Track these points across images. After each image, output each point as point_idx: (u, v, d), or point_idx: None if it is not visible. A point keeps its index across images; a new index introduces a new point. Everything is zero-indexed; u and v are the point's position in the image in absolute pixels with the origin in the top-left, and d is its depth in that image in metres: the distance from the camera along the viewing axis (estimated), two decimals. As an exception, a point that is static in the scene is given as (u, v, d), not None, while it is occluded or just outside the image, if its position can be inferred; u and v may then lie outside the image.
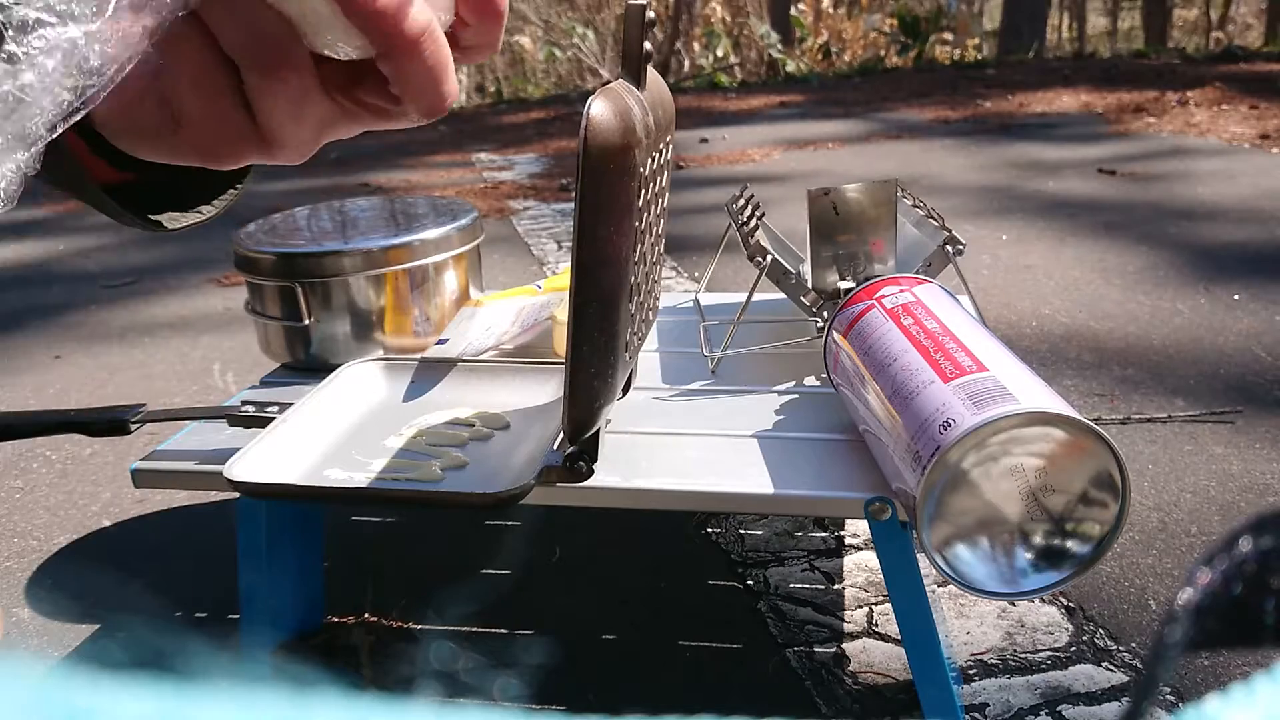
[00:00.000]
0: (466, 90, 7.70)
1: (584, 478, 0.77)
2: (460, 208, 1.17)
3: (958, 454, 0.65)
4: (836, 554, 1.13)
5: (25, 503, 1.36)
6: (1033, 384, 0.69)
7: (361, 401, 0.94)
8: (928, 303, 0.82)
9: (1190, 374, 1.54)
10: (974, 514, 0.67)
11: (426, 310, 1.10)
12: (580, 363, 0.66)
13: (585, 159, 0.59)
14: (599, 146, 0.59)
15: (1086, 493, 0.66)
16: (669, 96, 0.74)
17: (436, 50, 0.30)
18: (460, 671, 0.95)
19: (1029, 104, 4.38)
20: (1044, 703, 0.89)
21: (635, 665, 0.97)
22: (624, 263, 0.65)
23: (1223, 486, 1.21)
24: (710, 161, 3.54)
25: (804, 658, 0.96)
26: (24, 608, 1.12)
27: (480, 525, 1.22)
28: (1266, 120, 3.55)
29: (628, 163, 0.61)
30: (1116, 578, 1.06)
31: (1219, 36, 9.43)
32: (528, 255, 2.47)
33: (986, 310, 1.83)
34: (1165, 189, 2.73)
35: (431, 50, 0.30)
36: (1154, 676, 0.15)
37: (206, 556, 1.19)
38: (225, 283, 2.33)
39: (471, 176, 3.59)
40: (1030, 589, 0.68)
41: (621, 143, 0.60)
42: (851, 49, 7.60)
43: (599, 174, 0.60)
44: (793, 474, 0.80)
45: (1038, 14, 8.01)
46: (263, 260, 1.06)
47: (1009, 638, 0.98)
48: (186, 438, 0.94)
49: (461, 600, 1.05)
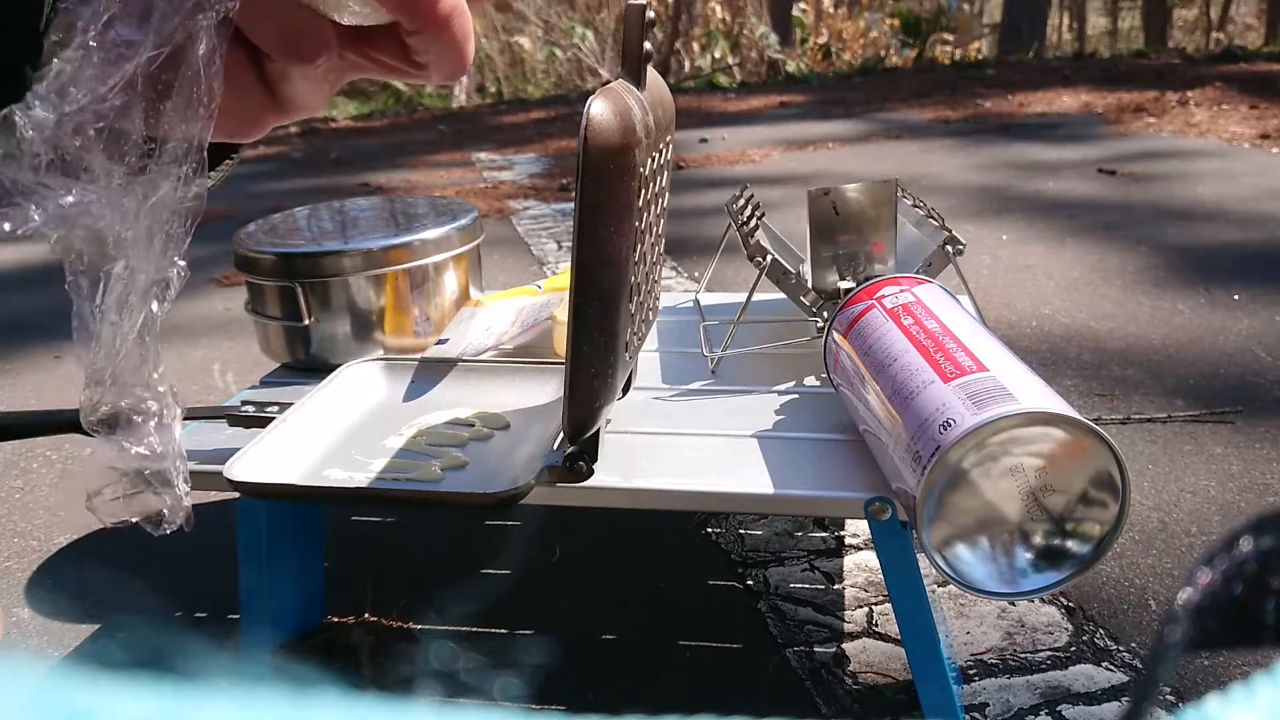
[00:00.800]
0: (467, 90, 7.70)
1: (584, 478, 0.77)
2: (460, 208, 1.17)
3: (958, 454, 0.65)
4: (836, 554, 1.13)
5: (25, 503, 1.36)
6: (1033, 384, 0.69)
7: (361, 401, 0.94)
8: (928, 303, 0.82)
9: (1190, 374, 1.54)
10: (974, 514, 0.67)
11: (426, 310, 1.10)
12: (580, 363, 0.66)
13: (585, 159, 0.59)
14: (599, 146, 0.59)
15: (1086, 493, 0.66)
16: (669, 96, 0.74)
17: (463, 23, 0.30)
18: (460, 671, 0.95)
19: (1029, 104, 4.38)
20: (1044, 703, 0.89)
21: (635, 665, 0.97)
22: (624, 263, 0.65)
23: (1223, 486, 1.21)
24: (710, 162, 3.54)
25: (804, 658, 0.96)
26: (24, 608, 1.12)
27: (480, 525, 1.22)
28: (1266, 120, 3.55)
29: (628, 163, 0.61)
30: (1116, 578, 1.06)
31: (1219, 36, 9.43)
32: (528, 255, 2.47)
33: (986, 310, 1.83)
34: (1165, 189, 2.73)
35: (460, 24, 0.30)
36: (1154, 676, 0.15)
37: (206, 556, 1.19)
38: (225, 283, 2.33)
39: (471, 176, 3.59)
40: (1030, 589, 0.68)
41: (621, 143, 0.60)
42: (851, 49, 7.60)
43: (599, 174, 0.60)
44: (793, 474, 0.80)
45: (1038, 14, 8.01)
46: (263, 260, 1.06)
47: (1009, 638, 0.98)
48: (187, 438, 0.94)
49: (461, 600, 1.05)
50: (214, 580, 1.14)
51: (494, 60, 7.99)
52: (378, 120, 5.72)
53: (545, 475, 0.77)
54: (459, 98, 7.19)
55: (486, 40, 7.95)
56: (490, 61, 7.98)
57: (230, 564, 0.94)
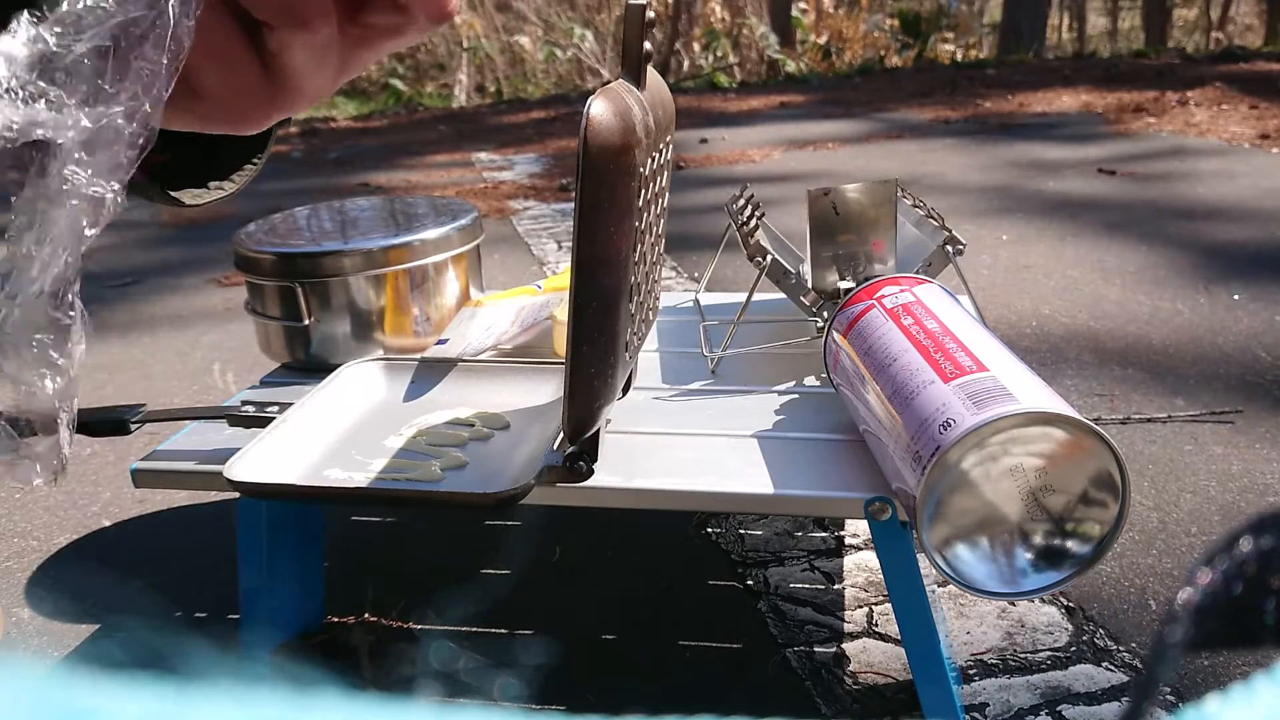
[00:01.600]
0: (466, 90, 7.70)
1: (584, 478, 0.77)
2: (460, 208, 1.17)
3: (958, 454, 0.65)
4: (836, 554, 1.13)
5: (25, 503, 1.36)
6: (1033, 384, 0.69)
7: (361, 401, 0.94)
8: (928, 303, 0.82)
9: (1190, 374, 1.54)
10: (974, 514, 0.67)
11: (426, 310, 1.10)
12: (580, 363, 0.66)
13: (585, 159, 0.59)
14: (599, 146, 0.59)
15: (1086, 493, 0.66)
16: (669, 96, 0.74)
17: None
18: (460, 672, 0.95)
19: (1029, 104, 4.38)
20: (1044, 703, 0.89)
21: (635, 665, 0.97)
22: (624, 263, 0.65)
23: (1223, 486, 1.21)
24: (710, 161, 3.54)
25: (804, 658, 0.96)
26: (24, 608, 1.12)
27: (480, 525, 1.22)
28: (1266, 120, 3.55)
29: (628, 163, 0.61)
30: (1116, 578, 1.06)
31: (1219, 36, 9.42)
32: (528, 255, 2.47)
33: (986, 310, 1.83)
34: (1165, 189, 2.73)
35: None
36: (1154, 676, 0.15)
37: (206, 557, 1.19)
38: (225, 283, 2.33)
39: (471, 176, 3.59)
40: (1030, 589, 0.68)
41: (621, 143, 0.60)
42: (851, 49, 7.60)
43: (599, 174, 0.60)
44: (793, 474, 0.80)
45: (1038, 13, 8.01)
46: (263, 260, 1.06)
47: (1009, 638, 0.98)
48: (186, 438, 0.94)
49: (461, 600, 1.05)
50: (214, 580, 1.14)
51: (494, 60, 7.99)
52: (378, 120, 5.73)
53: (545, 475, 0.77)
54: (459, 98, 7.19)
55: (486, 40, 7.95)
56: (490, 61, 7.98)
57: (230, 564, 0.94)
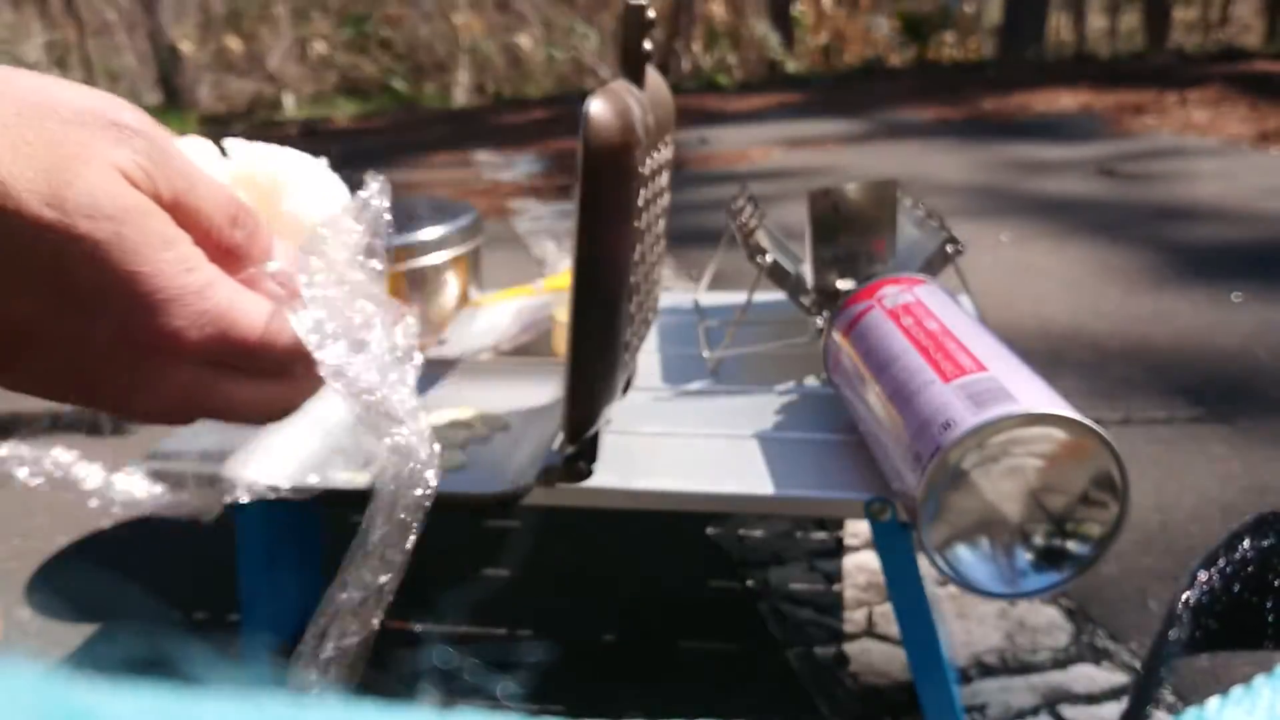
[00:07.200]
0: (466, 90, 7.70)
1: (584, 478, 0.77)
2: (460, 208, 1.17)
3: (958, 454, 0.65)
4: (836, 555, 1.13)
5: (25, 503, 1.36)
6: (1033, 384, 0.69)
7: (361, 402, 0.94)
8: (928, 303, 0.82)
9: (1190, 374, 1.54)
10: (974, 514, 0.67)
11: (426, 310, 1.10)
12: (580, 363, 0.66)
13: (585, 159, 0.59)
14: (599, 146, 0.59)
15: (1086, 493, 0.66)
16: (669, 96, 0.74)
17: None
18: (460, 672, 0.95)
19: (1029, 104, 4.38)
20: (1044, 703, 0.89)
21: (635, 666, 0.97)
22: (624, 263, 0.65)
23: (1223, 486, 1.21)
24: (710, 161, 3.54)
25: (804, 658, 0.96)
26: (24, 608, 1.12)
27: (479, 525, 1.22)
28: (1266, 120, 3.55)
29: (628, 163, 0.61)
30: (1117, 578, 1.05)
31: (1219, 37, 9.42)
32: (528, 255, 2.47)
33: (986, 310, 1.83)
34: (1165, 189, 2.73)
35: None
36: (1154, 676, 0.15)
37: (206, 558, 1.19)
38: (225, 283, 2.33)
39: (471, 176, 3.59)
40: (1030, 589, 0.68)
41: (621, 142, 0.60)
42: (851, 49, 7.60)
43: (599, 174, 0.60)
44: (793, 474, 0.80)
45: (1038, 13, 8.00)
46: (263, 260, 1.06)
47: (1009, 638, 0.98)
48: (186, 437, 0.94)
49: (461, 601, 1.05)
50: (214, 582, 1.14)
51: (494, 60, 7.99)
52: (378, 120, 5.72)
53: (545, 475, 0.77)
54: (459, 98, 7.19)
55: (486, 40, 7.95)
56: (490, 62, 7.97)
57: (230, 565, 0.94)
